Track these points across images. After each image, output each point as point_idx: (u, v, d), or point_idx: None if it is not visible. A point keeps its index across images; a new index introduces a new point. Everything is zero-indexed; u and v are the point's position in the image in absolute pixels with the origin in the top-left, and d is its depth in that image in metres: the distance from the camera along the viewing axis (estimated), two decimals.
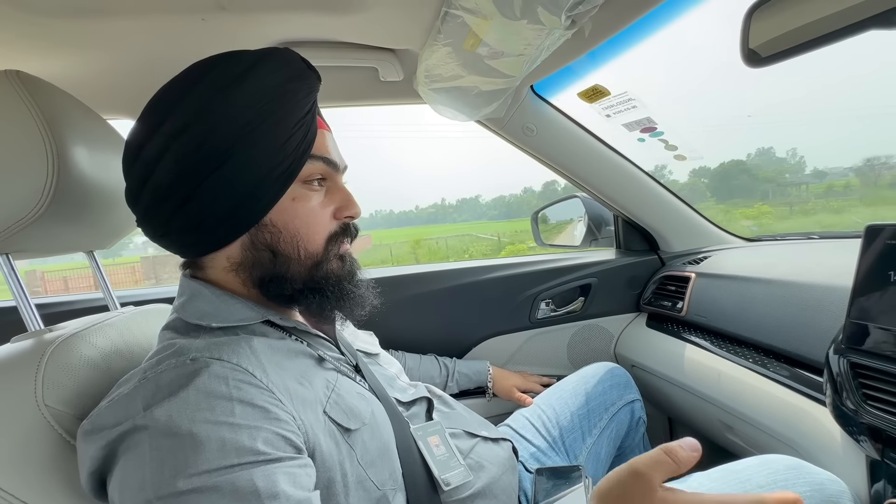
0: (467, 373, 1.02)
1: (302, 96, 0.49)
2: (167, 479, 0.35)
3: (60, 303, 0.98)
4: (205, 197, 0.46)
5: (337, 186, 0.54)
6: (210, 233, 0.48)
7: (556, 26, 0.56)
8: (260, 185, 0.47)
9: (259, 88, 0.47)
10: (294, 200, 0.50)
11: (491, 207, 62.81)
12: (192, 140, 0.45)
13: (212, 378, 0.40)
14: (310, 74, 0.52)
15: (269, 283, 0.51)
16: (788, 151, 52.05)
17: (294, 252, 0.51)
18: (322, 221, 0.52)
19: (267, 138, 0.47)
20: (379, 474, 0.49)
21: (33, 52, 0.65)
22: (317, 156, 0.51)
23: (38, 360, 0.44)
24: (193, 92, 0.46)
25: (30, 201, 0.46)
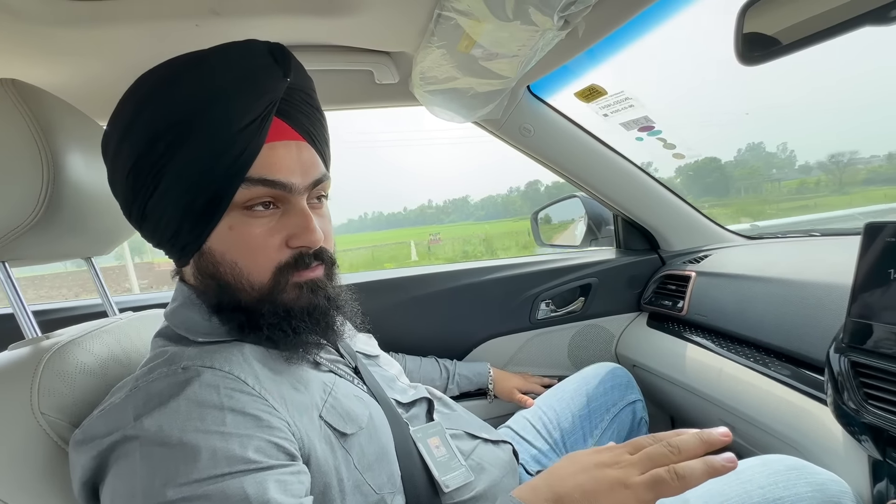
0: (468, 374, 1.02)
1: (244, 104, 0.42)
2: (157, 489, 0.35)
3: (59, 309, 0.98)
4: (151, 219, 0.45)
5: (294, 210, 0.46)
6: (168, 251, 0.48)
7: (549, 27, 0.56)
8: (189, 212, 0.43)
9: (182, 100, 0.42)
10: (231, 229, 0.44)
11: (479, 208, 62.35)
12: (124, 163, 0.43)
13: (203, 387, 0.40)
14: (267, 74, 0.44)
15: (219, 312, 0.47)
16: (779, 146, 51.73)
17: (237, 283, 0.45)
18: (266, 251, 0.45)
19: (190, 161, 0.42)
20: (376, 478, 0.49)
21: (29, 61, 0.66)
22: (254, 178, 0.43)
23: (34, 369, 0.44)
24: (125, 107, 0.44)
25: (25, 209, 0.46)
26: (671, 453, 0.38)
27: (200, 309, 0.48)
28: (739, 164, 48.90)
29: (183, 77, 0.43)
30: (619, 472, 0.39)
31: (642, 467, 0.38)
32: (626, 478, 0.38)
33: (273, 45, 0.46)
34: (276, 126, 0.45)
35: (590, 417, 0.85)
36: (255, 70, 0.43)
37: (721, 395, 0.85)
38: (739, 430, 0.85)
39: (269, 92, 0.44)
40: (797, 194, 41.11)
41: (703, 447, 0.38)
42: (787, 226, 1.67)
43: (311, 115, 0.49)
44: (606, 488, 0.38)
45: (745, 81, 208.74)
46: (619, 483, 0.38)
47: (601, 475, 0.39)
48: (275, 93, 0.44)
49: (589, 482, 0.39)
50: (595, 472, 0.40)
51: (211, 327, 0.48)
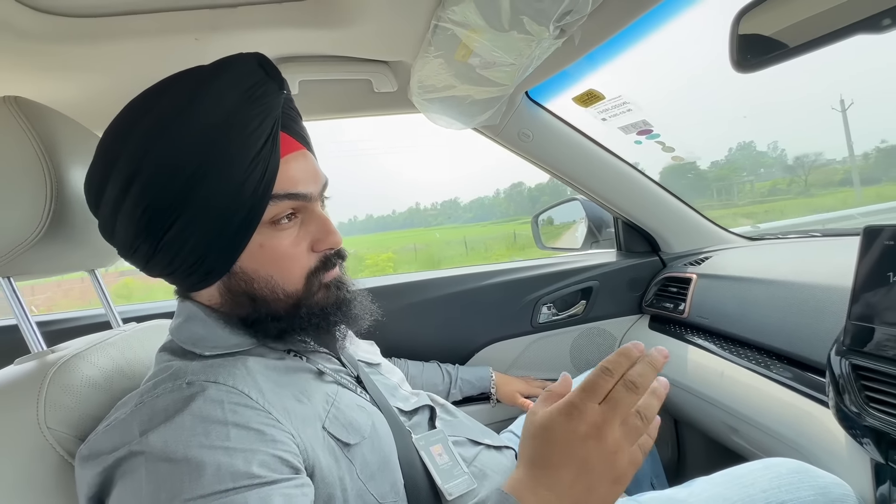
0: (470, 379, 1.02)
1: (255, 126, 0.43)
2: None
3: (63, 320, 0.99)
4: (168, 252, 0.44)
5: (312, 216, 0.48)
6: (184, 279, 0.48)
7: (545, 36, 0.56)
8: (216, 240, 0.44)
9: (196, 132, 0.42)
10: (262, 246, 0.46)
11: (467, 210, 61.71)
12: (136, 203, 0.42)
13: (207, 402, 0.40)
14: (265, 91, 0.44)
15: (253, 325, 0.49)
16: (770, 145, 50.73)
17: (272, 294, 0.47)
18: (298, 260, 0.48)
19: (214, 191, 0.42)
20: (380, 487, 0.49)
21: (31, 77, 0.66)
22: (280, 194, 0.45)
23: (40, 383, 0.45)
24: (129, 144, 0.42)
25: (29, 225, 0.47)
26: (632, 391, 0.38)
27: (208, 324, 0.48)
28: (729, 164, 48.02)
29: (194, 103, 0.42)
30: (601, 440, 0.37)
31: (615, 419, 0.37)
32: (612, 444, 0.37)
33: (258, 56, 0.46)
34: (282, 140, 0.46)
35: None
36: (255, 88, 0.44)
37: (723, 398, 0.85)
38: (741, 433, 0.84)
39: (274, 109, 0.45)
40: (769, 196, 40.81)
41: (654, 373, 0.38)
42: (788, 227, 1.67)
43: (299, 119, 0.50)
44: (598, 462, 0.37)
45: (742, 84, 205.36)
46: (608, 452, 0.37)
47: (587, 451, 0.37)
48: (277, 109, 0.45)
49: (579, 463, 0.37)
50: (580, 450, 0.37)
51: (219, 340, 0.48)
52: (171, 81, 0.44)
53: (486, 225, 40.45)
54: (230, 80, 0.43)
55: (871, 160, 41.15)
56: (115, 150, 0.43)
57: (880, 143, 47.54)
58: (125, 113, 0.44)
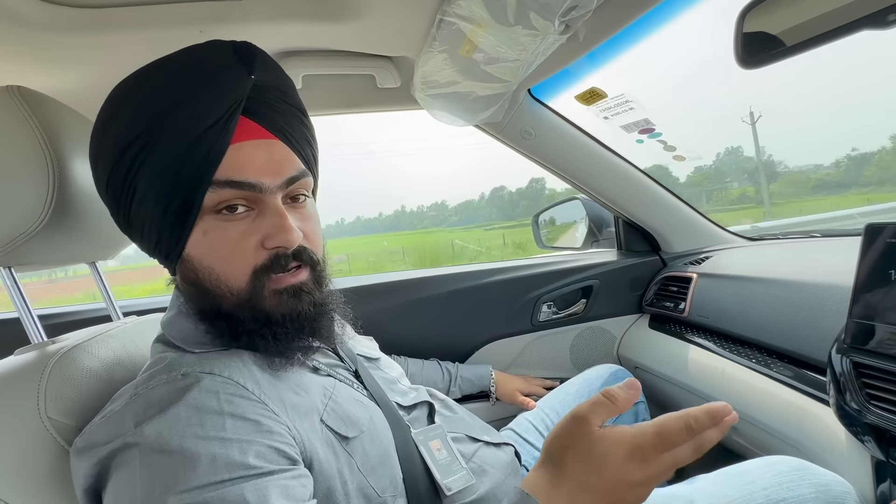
0: (470, 377, 1.02)
1: (204, 104, 0.41)
2: (157, 496, 0.35)
3: (63, 313, 0.99)
4: (135, 229, 0.46)
5: (267, 209, 0.44)
6: (158, 258, 0.48)
7: (550, 31, 0.56)
8: (161, 221, 0.43)
9: (145, 109, 0.42)
10: (205, 234, 0.44)
11: (452, 213, 61.13)
12: (101, 178, 0.44)
13: (203, 393, 0.40)
14: (229, 74, 0.43)
15: (206, 320, 0.47)
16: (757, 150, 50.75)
17: (216, 289, 0.45)
18: (242, 254, 0.44)
19: (155, 170, 0.42)
20: (380, 481, 0.49)
21: (34, 68, 0.66)
22: (221, 180, 0.42)
23: (40, 373, 0.45)
24: (97, 123, 0.44)
25: (31, 215, 0.46)
26: (697, 453, 0.37)
27: (193, 318, 0.48)
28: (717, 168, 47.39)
29: (146, 84, 0.43)
30: (647, 486, 0.37)
31: (669, 472, 0.37)
32: (649, 488, 0.37)
33: (238, 44, 0.45)
34: (243, 126, 0.43)
35: None
36: (215, 70, 0.43)
37: (723, 397, 0.85)
38: (741, 431, 0.85)
39: (232, 91, 0.42)
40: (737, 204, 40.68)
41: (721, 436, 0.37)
42: (788, 227, 1.68)
43: (287, 112, 0.47)
44: (631, 498, 0.37)
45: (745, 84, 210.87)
46: (643, 494, 0.37)
47: (629, 493, 0.37)
48: (238, 92, 0.43)
49: (615, 496, 0.37)
50: (623, 490, 0.37)
51: (203, 338, 0.47)
52: (142, 67, 0.45)
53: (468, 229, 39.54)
54: (187, 61, 0.43)
55: (841, 167, 41.27)
56: (94, 126, 0.45)
57: (851, 150, 47.64)
58: (108, 96, 0.46)
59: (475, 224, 46.55)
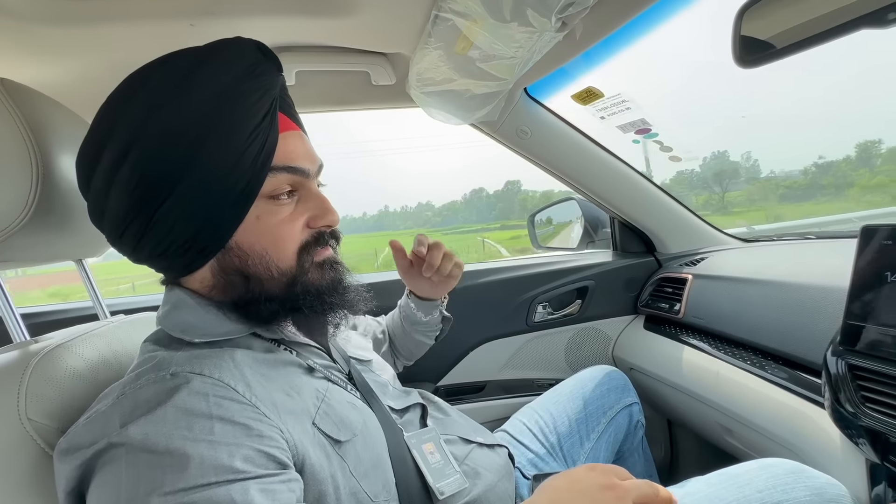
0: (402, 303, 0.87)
1: (255, 98, 0.44)
2: (142, 497, 0.34)
3: (49, 312, 0.97)
4: (161, 227, 0.43)
5: (309, 193, 0.49)
6: (176, 259, 0.46)
7: (547, 28, 0.56)
8: (215, 211, 0.43)
9: (200, 99, 0.42)
10: (258, 219, 0.46)
11: (436, 214, 60.20)
12: (133, 171, 0.41)
13: (191, 395, 0.39)
14: (264, 70, 0.46)
15: (245, 306, 0.48)
16: (743, 155, 50.59)
17: (266, 272, 0.47)
18: (292, 234, 0.48)
19: (215, 159, 0.42)
20: (372, 485, 0.48)
21: (18, 59, 0.65)
22: (279, 167, 0.45)
23: (21, 373, 0.43)
24: (128, 111, 0.42)
25: (14, 210, 0.45)
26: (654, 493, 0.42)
27: (198, 311, 0.47)
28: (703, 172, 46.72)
29: (196, 74, 0.42)
30: (617, 495, 0.41)
31: (634, 495, 0.42)
32: (623, 500, 0.41)
33: (256, 42, 0.47)
34: (280, 119, 0.47)
35: (586, 421, 0.84)
36: (255, 66, 0.45)
37: (718, 398, 0.85)
38: (736, 434, 0.84)
39: (272, 87, 0.45)
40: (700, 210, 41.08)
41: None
42: (783, 229, 1.69)
43: (294, 107, 0.52)
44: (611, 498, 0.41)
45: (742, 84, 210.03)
46: (621, 496, 0.41)
47: (602, 498, 0.41)
48: (275, 88, 0.46)
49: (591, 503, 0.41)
50: (597, 495, 0.41)
51: (209, 328, 0.47)
52: (170, 55, 0.44)
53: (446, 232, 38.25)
54: (230, 55, 0.44)
55: (809, 175, 41.66)
56: (111, 118, 0.43)
57: (818, 158, 48.16)
58: (118, 90, 0.44)
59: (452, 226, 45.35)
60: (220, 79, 0.43)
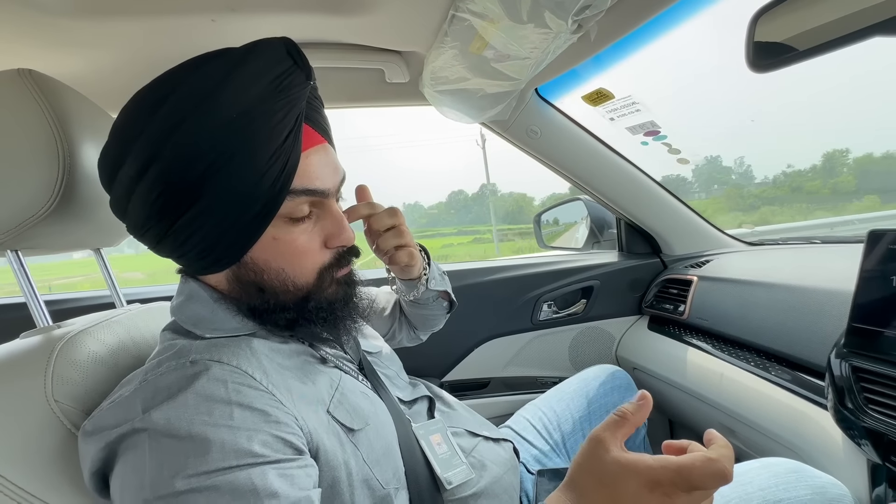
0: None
1: (280, 117, 0.41)
2: (166, 480, 0.35)
3: (68, 300, 0.99)
4: (179, 236, 0.43)
5: (328, 212, 0.48)
6: (194, 262, 0.47)
7: (563, 30, 0.56)
8: (230, 230, 0.43)
9: (222, 121, 0.40)
10: (275, 239, 0.45)
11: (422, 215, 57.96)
12: (153, 185, 0.41)
13: (211, 381, 0.40)
14: (293, 81, 0.43)
15: (260, 314, 0.48)
16: (736, 160, 49.15)
17: (282, 286, 0.47)
18: (310, 255, 0.47)
19: (233, 181, 0.41)
20: (384, 473, 0.49)
21: (46, 52, 0.66)
22: (298, 189, 0.44)
23: (47, 356, 0.45)
24: (151, 124, 0.40)
25: (40, 199, 0.46)
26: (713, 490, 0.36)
27: (211, 306, 0.48)
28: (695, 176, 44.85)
29: (219, 89, 0.40)
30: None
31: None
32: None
33: (288, 42, 0.45)
34: (304, 133, 0.44)
35: (590, 419, 0.85)
36: (283, 77, 0.42)
37: (721, 399, 0.86)
38: (739, 434, 0.85)
39: (300, 100, 0.43)
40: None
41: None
42: (788, 231, 1.69)
43: (321, 110, 0.49)
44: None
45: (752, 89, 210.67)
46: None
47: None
48: (303, 100, 0.44)
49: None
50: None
51: (220, 323, 0.48)
52: (197, 63, 0.42)
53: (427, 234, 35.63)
54: (258, 67, 0.42)
55: (779, 183, 40.89)
56: (133, 130, 0.41)
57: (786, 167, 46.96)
58: (146, 94, 0.42)
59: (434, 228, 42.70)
60: (243, 98, 0.41)
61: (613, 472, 0.36)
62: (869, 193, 26.82)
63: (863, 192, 28.46)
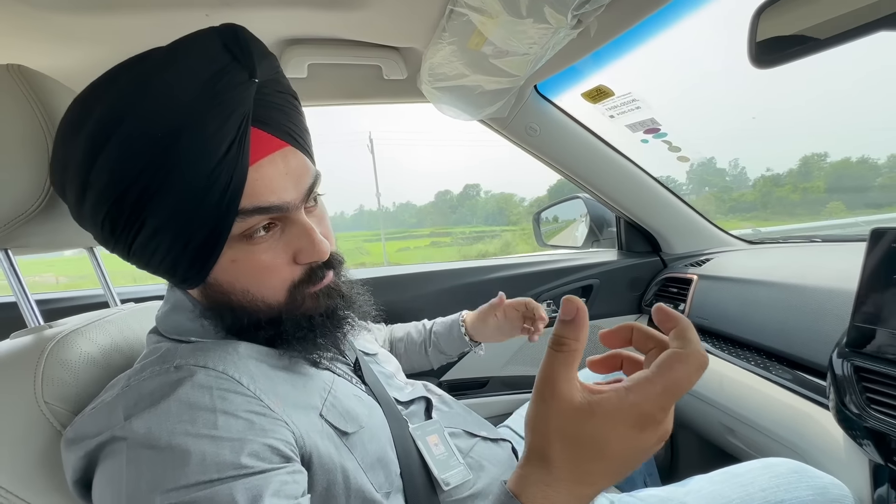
0: (443, 331, 0.87)
1: (215, 127, 0.36)
2: (143, 494, 0.34)
3: (61, 299, 0.98)
4: (142, 255, 0.41)
5: (294, 225, 0.43)
6: (167, 278, 0.45)
7: (563, 25, 0.56)
8: (184, 253, 0.40)
9: (147, 139, 0.35)
10: (234, 262, 0.42)
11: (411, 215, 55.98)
12: (95, 210, 0.38)
13: (195, 388, 0.38)
14: (230, 81, 0.37)
15: (238, 332, 0.46)
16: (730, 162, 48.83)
17: (252, 306, 0.44)
18: (277, 272, 0.43)
19: (171, 203, 0.37)
20: (378, 477, 0.49)
21: (36, 47, 0.65)
22: (248, 209, 0.39)
23: (37, 357, 0.44)
24: (76, 149, 0.37)
25: (30, 196, 0.45)
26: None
27: (193, 316, 0.47)
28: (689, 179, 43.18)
29: (138, 106, 0.36)
30: (658, 445, 0.31)
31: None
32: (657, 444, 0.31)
33: (225, 34, 0.39)
34: (255, 140, 0.39)
35: None
36: (216, 79, 0.37)
37: (722, 399, 0.85)
38: (740, 434, 0.85)
39: (241, 103, 0.37)
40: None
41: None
42: (789, 231, 1.68)
43: (286, 107, 0.43)
44: (635, 461, 0.31)
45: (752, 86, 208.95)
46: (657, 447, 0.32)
47: (646, 457, 0.31)
48: (245, 104, 0.38)
49: (630, 469, 0.32)
50: (639, 460, 0.31)
51: (205, 334, 0.47)
52: (115, 74, 0.37)
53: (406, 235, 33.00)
54: (184, 70, 0.36)
55: (757, 187, 40.49)
56: (65, 154, 0.39)
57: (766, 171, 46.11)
58: (71, 111, 0.39)
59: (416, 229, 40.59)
60: (166, 111, 0.36)
61: (590, 428, 0.29)
62: (835, 200, 26.73)
63: (828, 199, 28.29)
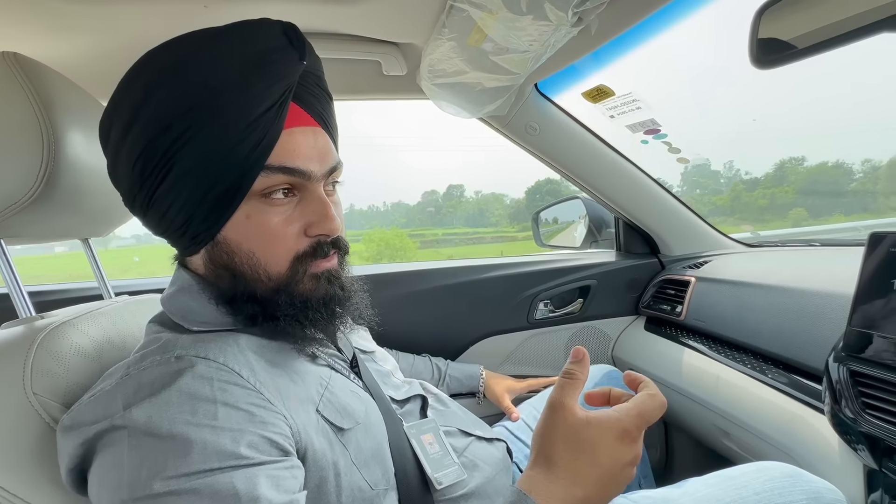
0: (459, 377, 0.99)
1: (260, 89, 0.41)
2: (144, 481, 0.34)
3: (54, 290, 0.97)
4: (160, 206, 0.43)
5: (311, 197, 0.45)
6: (177, 241, 0.47)
7: (563, 23, 0.55)
8: (203, 202, 0.42)
9: (195, 85, 0.40)
10: (248, 218, 0.43)
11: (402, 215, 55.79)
12: (132, 147, 0.41)
13: (196, 379, 0.39)
14: (282, 57, 0.43)
15: (230, 302, 0.46)
16: (725, 164, 49.15)
17: (253, 274, 0.45)
18: (285, 240, 0.45)
19: (206, 147, 0.41)
20: (372, 474, 0.48)
21: (32, 34, 0.64)
22: (274, 166, 0.42)
23: (27, 348, 0.44)
24: (133, 88, 0.42)
25: (23, 185, 0.45)
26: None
27: (199, 297, 0.47)
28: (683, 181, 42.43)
29: (196, 59, 0.41)
30: (636, 462, 0.41)
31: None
32: (637, 462, 0.41)
33: (286, 24, 0.45)
34: (292, 111, 0.44)
35: None
36: (271, 52, 0.42)
37: (717, 401, 0.85)
38: (735, 437, 0.85)
39: (287, 76, 0.42)
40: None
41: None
42: (788, 235, 1.68)
43: (323, 98, 0.48)
44: (623, 477, 0.40)
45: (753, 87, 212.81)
46: (633, 473, 0.41)
47: (624, 476, 0.40)
48: (291, 77, 0.43)
49: (613, 485, 0.40)
50: (619, 477, 0.40)
51: (208, 316, 0.47)
52: (183, 36, 0.43)
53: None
54: (240, 40, 0.42)
55: (737, 191, 40.54)
56: (120, 95, 0.43)
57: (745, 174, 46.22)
58: (139, 62, 0.43)
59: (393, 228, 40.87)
60: (217, 67, 0.41)
61: (586, 435, 0.39)
62: (798, 207, 26.73)
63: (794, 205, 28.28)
